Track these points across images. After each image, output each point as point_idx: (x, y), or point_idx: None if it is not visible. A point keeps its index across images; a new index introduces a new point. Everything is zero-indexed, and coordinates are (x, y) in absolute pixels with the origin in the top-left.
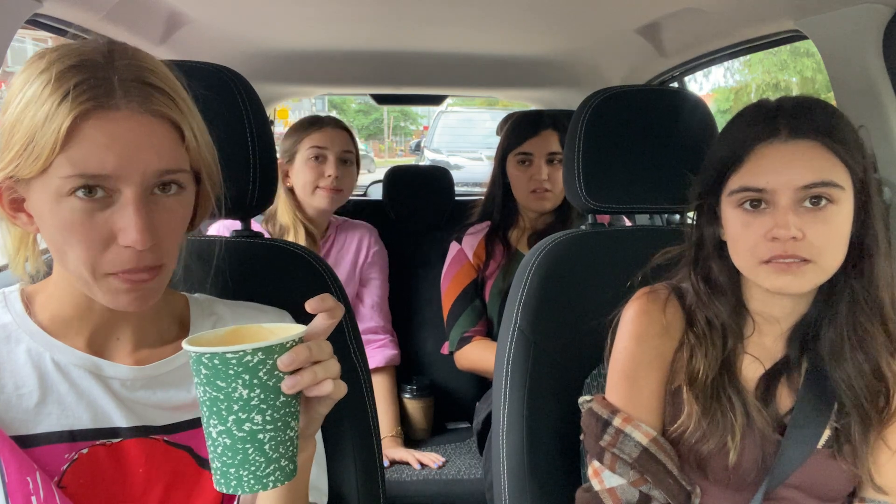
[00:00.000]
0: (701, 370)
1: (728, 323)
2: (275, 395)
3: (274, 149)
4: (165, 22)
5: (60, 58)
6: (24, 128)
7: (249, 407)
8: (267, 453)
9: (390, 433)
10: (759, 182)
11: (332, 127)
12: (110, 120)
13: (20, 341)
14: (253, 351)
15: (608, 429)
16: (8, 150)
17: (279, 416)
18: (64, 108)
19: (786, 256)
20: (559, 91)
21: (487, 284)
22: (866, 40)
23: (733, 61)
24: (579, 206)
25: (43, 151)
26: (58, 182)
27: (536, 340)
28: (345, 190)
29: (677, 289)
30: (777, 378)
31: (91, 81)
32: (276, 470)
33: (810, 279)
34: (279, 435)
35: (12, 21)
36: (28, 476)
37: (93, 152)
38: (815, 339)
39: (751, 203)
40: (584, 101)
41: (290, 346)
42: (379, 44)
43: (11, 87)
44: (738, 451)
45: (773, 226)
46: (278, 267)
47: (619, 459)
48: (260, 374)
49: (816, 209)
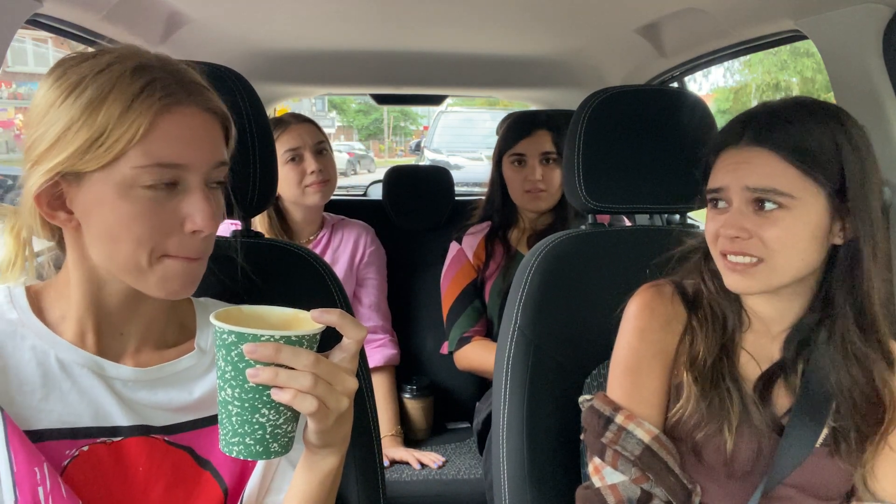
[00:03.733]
0: (700, 352)
1: (728, 314)
2: (243, 377)
3: (274, 149)
4: (165, 22)
5: (119, 59)
6: (91, 124)
7: (224, 379)
8: (234, 424)
9: (390, 433)
10: (716, 182)
11: (297, 123)
12: (183, 115)
13: (25, 338)
14: (228, 332)
15: (610, 426)
16: (62, 147)
17: (247, 398)
18: (141, 104)
19: (735, 253)
20: (559, 91)
21: (487, 285)
22: (866, 40)
23: (733, 61)
24: (579, 206)
25: (116, 144)
26: (129, 173)
27: (536, 340)
28: (331, 179)
29: (680, 284)
30: (774, 379)
31: (162, 81)
32: (239, 443)
33: (761, 280)
34: (245, 414)
35: (12, 21)
36: (35, 467)
37: (169, 144)
38: (811, 344)
39: (715, 202)
40: (584, 101)
41: (263, 340)
42: (379, 44)
43: (51, 92)
44: (734, 440)
45: (724, 223)
46: (278, 267)
47: (620, 457)
48: (232, 354)
49: (765, 212)
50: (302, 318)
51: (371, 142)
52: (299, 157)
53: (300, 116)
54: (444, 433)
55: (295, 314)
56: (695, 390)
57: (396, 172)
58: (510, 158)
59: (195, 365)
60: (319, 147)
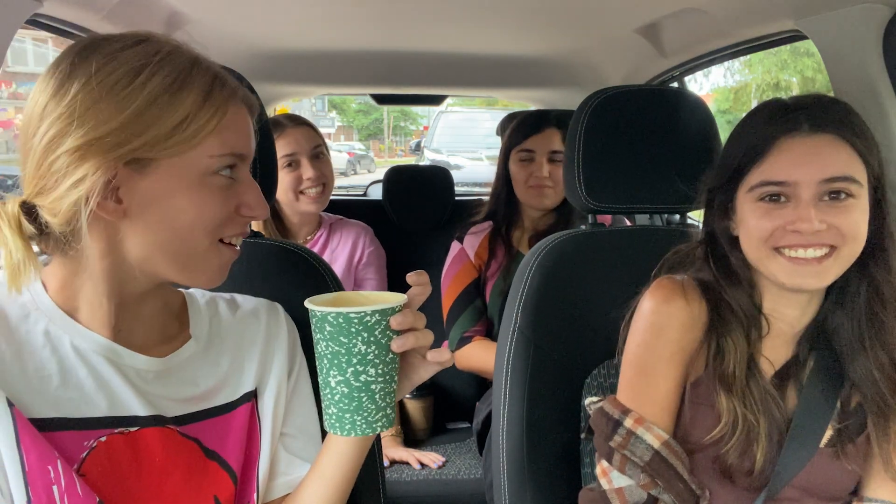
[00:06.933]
0: (733, 367)
1: (748, 312)
2: (386, 351)
3: (274, 149)
4: (165, 22)
5: (175, 48)
6: (172, 110)
7: (366, 361)
8: (377, 402)
9: (390, 433)
10: (780, 175)
11: (294, 126)
12: (240, 107)
13: (38, 321)
14: (372, 312)
15: (619, 429)
16: (133, 133)
17: (388, 370)
18: (220, 92)
19: (808, 246)
20: (559, 91)
21: (488, 285)
22: (866, 40)
23: (733, 61)
24: (579, 206)
25: (199, 132)
26: (206, 161)
27: (536, 340)
28: (328, 184)
29: (697, 278)
30: (787, 379)
31: (224, 75)
32: (382, 417)
33: (833, 271)
34: (387, 387)
35: (12, 21)
36: (49, 465)
37: (239, 135)
38: (828, 336)
39: (771, 197)
40: (584, 101)
41: (398, 310)
42: (379, 44)
43: (103, 77)
44: (764, 454)
45: (796, 218)
46: (278, 266)
47: (629, 461)
48: (376, 333)
49: (837, 202)
50: (369, 296)
51: (371, 142)
52: (296, 163)
53: (297, 119)
54: (444, 433)
55: (356, 294)
56: (737, 414)
57: (396, 172)
58: (518, 154)
59: (195, 353)
60: (316, 151)
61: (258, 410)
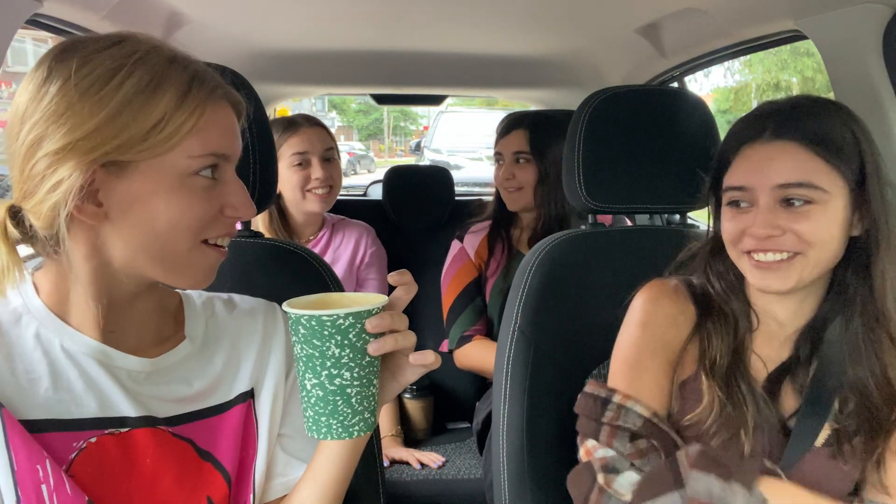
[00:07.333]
0: (718, 356)
1: (739, 314)
2: (361, 355)
3: (274, 150)
4: (165, 22)
5: (154, 48)
6: (147, 111)
7: (340, 364)
8: (353, 406)
9: (390, 433)
10: (739, 180)
11: (309, 126)
12: (222, 106)
13: (29, 324)
14: (345, 315)
15: (609, 405)
16: (109, 136)
17: (364, 373)
18: (198, 92)
19: (767, 250)
20: (559, 91)
21: (489, 284)
22: (866, 40)
23: (733, 61)
24: (579, 206)
25: (176, 133)
26: (185, 162)
27: (536, 340)
28: (335, 186)
29: (687, 281)
30: (781, 380)
31: (203, 72)
32: (360, 421)
33: (797, 274)
34: (364, 391)
35: (12, 21)
36: (38, 464)
37: (220, 134)
38: (826, 341)
39: (735, 202)
40: (584, 101)
41: (375, 313)
42: (379, 44)
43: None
44: (751, 444)
45: (752, 224)
46: (278, 266)
47: (618, 433)
48: (350, 336)
49: (794, 208)
50: (354, 298)
51: (371, 142)
52: (306, 162)
53: (312, 119)
54: (444, 433)
55: (340, 296)
56: (719, 396)
57: (396, 172)
58: (493, 158)
59: (189, 354)
60: (328, 154)
61: (255, 411)
